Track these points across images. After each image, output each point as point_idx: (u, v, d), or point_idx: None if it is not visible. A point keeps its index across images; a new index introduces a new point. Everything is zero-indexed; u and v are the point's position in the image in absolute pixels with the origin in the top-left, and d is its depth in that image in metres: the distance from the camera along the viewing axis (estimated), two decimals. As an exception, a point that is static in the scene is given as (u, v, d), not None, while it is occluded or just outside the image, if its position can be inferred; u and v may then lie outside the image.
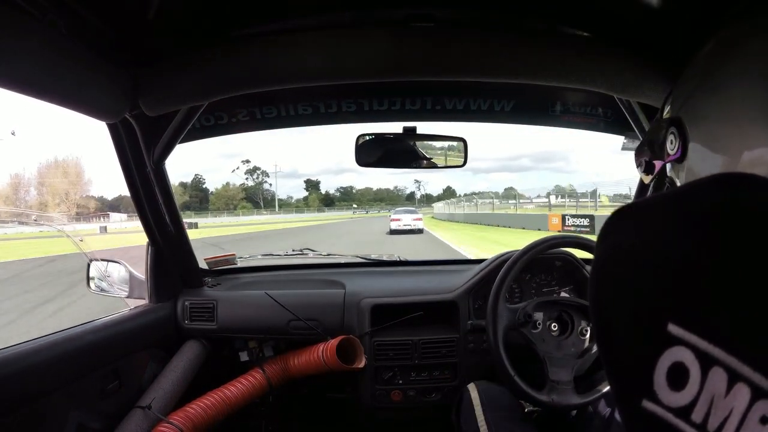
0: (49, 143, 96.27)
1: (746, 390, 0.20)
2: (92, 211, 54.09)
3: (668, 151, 0.43)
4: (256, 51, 0.75)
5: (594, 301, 0.28)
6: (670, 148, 0.43)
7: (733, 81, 0.35)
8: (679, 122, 0.42)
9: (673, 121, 0.42)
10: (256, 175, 76.37)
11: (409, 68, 0.76)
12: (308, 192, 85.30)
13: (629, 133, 1.22)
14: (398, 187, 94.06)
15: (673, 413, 0.22)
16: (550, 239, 1.04)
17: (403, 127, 1.14)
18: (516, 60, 0.75)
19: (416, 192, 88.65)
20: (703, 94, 0.39)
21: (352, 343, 1.13)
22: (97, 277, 1.23)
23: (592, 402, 0.94)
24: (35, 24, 0.57)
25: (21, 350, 0.76)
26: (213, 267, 1.38)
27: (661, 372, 0.22)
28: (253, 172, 76.21)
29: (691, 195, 0.25)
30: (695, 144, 0.40)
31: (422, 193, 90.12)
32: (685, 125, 0.41)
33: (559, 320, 1.02)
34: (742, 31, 0.36)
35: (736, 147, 0.35)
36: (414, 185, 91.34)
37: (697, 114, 0.40)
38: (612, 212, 0.28)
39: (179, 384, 1.07)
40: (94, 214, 49.91)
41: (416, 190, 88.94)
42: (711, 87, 0.38)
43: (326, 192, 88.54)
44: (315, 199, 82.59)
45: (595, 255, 0.28)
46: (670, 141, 0.43)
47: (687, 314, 0.22)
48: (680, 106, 0.43)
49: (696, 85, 0.40)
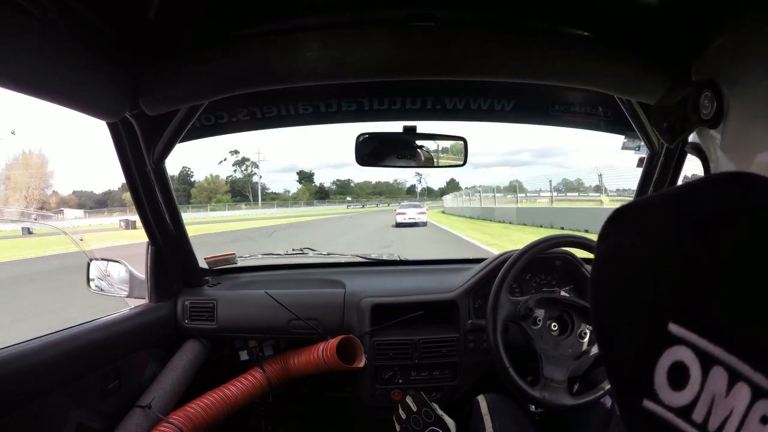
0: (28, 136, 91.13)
1: (747, 390, 0.20)
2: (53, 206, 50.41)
3: (702, 116, 0.41)
4: (256, 50, 0.75)
5: (594, 301, 0.28)
6: (704, 112, 0.40)
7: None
8: (714, 84, 0.40)
9: (708, 83, 0.40)
10: (245, 166, 69.58)
11: (409, 68, 0.76)
12: (301, 184, 79.86)
13: (629, 133, 1.22)
14: (398, 181, 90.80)
15: (674, 413, 0.22)
16: (550, 238, 1.05)
17: (404, 126, 1.14)
18: (516, 60, 0.75)
19: (417, 185, 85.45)
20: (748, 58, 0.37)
21: (352, 342, 1.13)
22: (97, 277, 1.23)
23: (584, 405, 0.93)
24: (35, 23, 0.57)
25: (21, 350, 0.76)
26: (213, 266, 1.38)
27: (661, 371, 0.22)
28: (241, 164, 69.06)
29: (692, 194, 0.25)
30: (736, 108, 0.38)
31: (423, 186, 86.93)
32: (721, 88, 0.39)
33: (559, 320, 1.02)
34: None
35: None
36: (415, 178, 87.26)
37: (737, 78, 0.38)
38: (613, 211, 0.28)
39: (179, 383, 1.07)
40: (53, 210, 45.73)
41: (417, 183, 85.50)
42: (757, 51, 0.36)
43: (320, 185, 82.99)
44: (304, 191, 76.53)
45: (595, 254, 0.28)
46: (704, 105, 0.41)
47: (687, 314, 0.22)
48: (715, 69, 0.41)
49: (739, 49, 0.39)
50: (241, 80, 0.78)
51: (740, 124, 0.38)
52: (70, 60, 0.64)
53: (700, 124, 0.42)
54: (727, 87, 0.39)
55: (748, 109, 0.38)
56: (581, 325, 1.00)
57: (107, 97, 0.75)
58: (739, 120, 0.38)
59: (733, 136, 0.39)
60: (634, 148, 1.31)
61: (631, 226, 0.26)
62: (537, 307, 1.00)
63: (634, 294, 0.25)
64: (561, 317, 1.02)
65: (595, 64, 0.75)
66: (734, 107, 0.39)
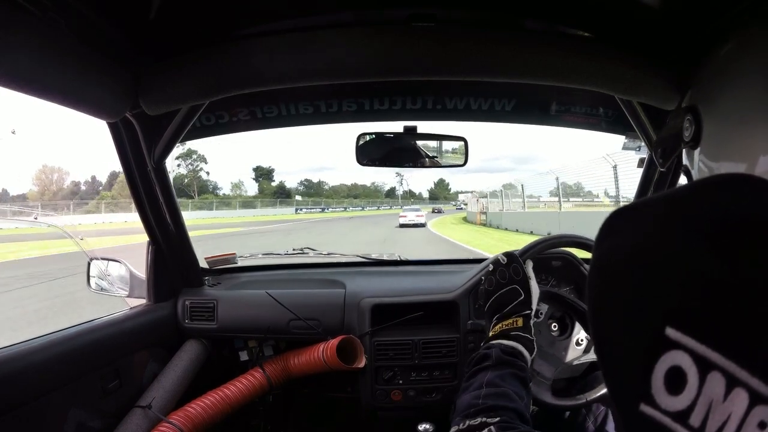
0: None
1: (744, 395, 0.20)
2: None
3: (684, 138, 0.45)
4: (257, 50, 0.75)
5: (591, 303, 0.28)
6: (686, 134, 0.44)
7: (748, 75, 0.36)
8: (695, 109, 0.43)
9: (690, 108, 0.44)
10: (191, 160, 53.60)
11: (410, 68, 0.76)
12: (258, 183, 63.85)
13: (630, 133, 1.22)
14: (376, 183, 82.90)
15: (671, 417, 0.22)
16: (550, 238, 1.04)
17: (404, 126, 1.14)
18: (517, 60, 0.75)
19: (397, 187, 77.36)
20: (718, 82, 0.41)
21: (352, 342, 1.13)
22: (97, 276, 1.23)
23: (564, 408, 0.92)
24: (36, 22, 0.57)
25: (21, 349, 0.76)
26: (213, 266, 1.38)
27: (658, 376, 0.22)
28: (187, 157, 52.72)
29: (690, 197, 0.25)
30: (709, 130, 0.41)
31: (405, 189, 79.00)
32: (700, 112, 0.42)
33: (560, 321, 1.02)
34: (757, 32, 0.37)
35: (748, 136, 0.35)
36: (396, 179, 78.98)
37: (711, 100, 0.41)
38: (610, 213, 0.28)
39: (179, 383, 1.07)
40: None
41: (398, 185, 77.73)
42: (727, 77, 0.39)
43: (281, 183, 64.80)
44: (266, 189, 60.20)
45: (593, 256, 0.28)
46: (686, 127, 0.44)
47: (685, 318, 0.22)
48: (697, 94, 0.45)
49: (713, 72, 0.42)
50: (242, 80, 0.78)
51: (714, 144, 0.42)
52: (70, 59, 0.64)
53: (684, 146, 0.46)
54: (704, 110, 0.43)
55: (719, 131, 0.41)
56: (580, 332, 1.00)
57: (108, 97, 0.75)
58: (712, 141, 0.42)
59: (708, 156, 0.42)
60: (634, 148, 1.32)
61: (629, 229, 0.26)
62: (542, 299, 1.00)
63: (631, 297, 0.25)
64: (562, 318, 1.02)
65: (596, 65, 0.75)
66: (708, 130, 0.42)
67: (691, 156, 0.46)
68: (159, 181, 1.03)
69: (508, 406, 0.55)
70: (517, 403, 0.57)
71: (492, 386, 0.60)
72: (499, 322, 0.75)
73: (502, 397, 0.57)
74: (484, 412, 0.54)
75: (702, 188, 0.24)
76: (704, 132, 0.42)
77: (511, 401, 0.57)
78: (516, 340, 0.71)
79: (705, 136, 0.42)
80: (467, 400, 0.59)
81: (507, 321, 0.74)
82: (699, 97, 0.45)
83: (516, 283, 0.77)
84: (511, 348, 0.69)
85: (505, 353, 0.67)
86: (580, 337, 0.99)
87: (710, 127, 0.42)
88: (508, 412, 0.54)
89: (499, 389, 0.59)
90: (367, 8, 0.74)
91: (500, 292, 0.78)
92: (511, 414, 0.54)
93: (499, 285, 0.79)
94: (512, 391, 0.59)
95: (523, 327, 0.73)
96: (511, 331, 0.72)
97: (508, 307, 0.76)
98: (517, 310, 0.75)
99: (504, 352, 0.67)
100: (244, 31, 0.76)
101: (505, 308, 0.76)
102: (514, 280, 0.78)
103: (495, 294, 0.79)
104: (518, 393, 0.60)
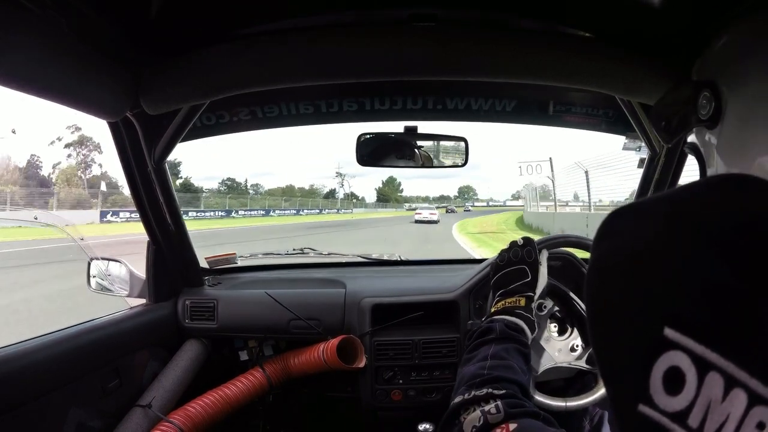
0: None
1: (743, 396, 0.20)
2: None
3: (701, 116, 0.41)
4: (257, 50, 0.75)
5: (590, 303, 0.28)
6: (703, 112, 0.41)
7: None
8: (714, 85, 0.40)
9: (708, 83, 0.41)
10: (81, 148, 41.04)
11: (411, 68, 0.76)
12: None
13: (630, 133, 1.22)
14: (315, 186, 73.14)
15: (669, 417, 0.22)
16: (550, 239, 1.04)
17: (405, 126, 1.14)
18: (518, 60, 0.75)
19: (338, 189, 65.02)
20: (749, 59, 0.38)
21: (352, 342, 1.13)
22: (97, 276, 1.23)
23: (541, 406, 0.91)
24: (37, 21, 0.57)
25: (21, 349, 0.76)
26: (213, 266, 1.38)
27: (657, 376, 0.22)
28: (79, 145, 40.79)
29: (693, 199, 0.24)
30: (735, 109, 0.38)
31: (346, 191, 65.44)
32: (721, 88, 0.40)
33: (560, 322, 1.02)
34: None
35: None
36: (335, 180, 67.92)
37: (737, 79, 0.38)
38: (609, 213, 0.28)
39: (179, 383, 1.07)
40: None
41: (338, 186, 65.50)
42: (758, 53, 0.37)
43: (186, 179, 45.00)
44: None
45: (591, 256, 0.28)
46: (702, 105, 0.41)
47: (684, 318, 0.22)
48: (716, 70, 0.41)
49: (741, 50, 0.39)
50: (243, 80, 0.78)
51: (739, 125, 0.38)
52: (71, 59, 0.64)
53: (698, 124, 0.42)
54: (727, 88, 0.40)
55: (747, 110, 0.38)
56: (577, 338, 0.99)
57: (108, 97, 0.75)
58: (737, 122, 0.38)
59: (731, 137, 0.39)
60: (634, 148, 1.31)
61: (628, 230, 0.26)
62: (548, 294, 0.99)
63: (630, 298, 0.25)
64: (563, 321, 1.02)
65: (597, 65, 0.75)
66: (733, 109, 0.39)
67: (702, 134, 0.43)
68: (159, 181, 1.03)
69: (514, 379, 0.55)
70: (521, 376, 0.57)
71: (497, 358, 0.60)
72: (503, 299, 0.76)
73: (507, 369, 0.57)
74: (489, 383, 0.54)
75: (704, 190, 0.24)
76: (727, 110, 0.39)
77: (516, 374, 0.57)
78: (518, 317, 0.71)
79: (727, 115, 0.39)
80: (472, 371, 0.59)
81: (510, 299, 0.75)
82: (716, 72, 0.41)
83: (526, 264, 0.78)
84: (515, 324, 0.69)
85: (509, 328, 0.67)
86: (576, 343, 0.98)
87: (735, 106, 0.38)
88: (513, 385, 0.54)
89: (505, 361, 0.59)
90: (367, 8, 0.74)
91: (510, 269, 0.79)
92: (515, 387, 0.54)
93: (510, 262, 0.80)
94: (516, 365, 0.59)
95: (525, 306, 0.73)
96: (515, 309, 0.73)
97: (513, 285, 0.76)
98: (521, 290, 0.76)
99: (508, 327, 0.68)
100: (245, 31, 0.76)
101: (510, 285, 0.77)
102: (526, 261, 0.78)
103: (504, 270, 0.79)
104: (521, 368, 0.60)
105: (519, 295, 0.75)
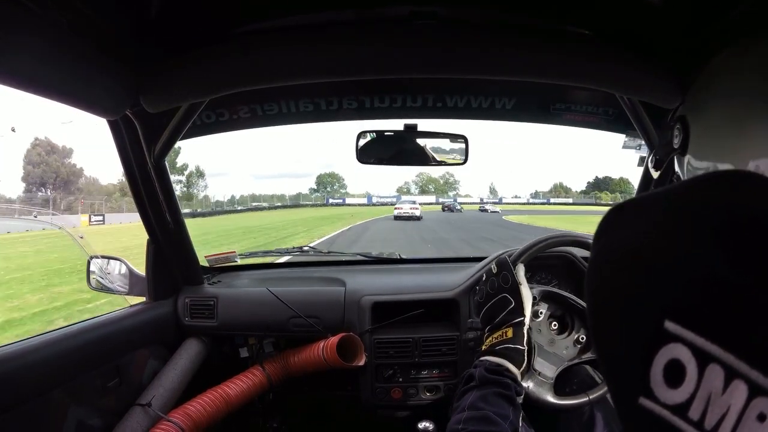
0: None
1: (744, 387, 0.20)
2: None
3: (673, 146, 0.48)
4: (257, 48, 0.75)
5: (590, 297, 0.28)
6: (675, 142, 0.48)
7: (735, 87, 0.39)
8: (683, 119, 0.47)
9: (679, 118, 0.47)
10: None
11: (411, 65, 0.76)
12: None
13: (630, 132, 1.22)
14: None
15: (670, 410, 0.22)
16: (550, 237, 1.04)
17: (404, 124, 1.14)
18: (518, 58, 0.75)
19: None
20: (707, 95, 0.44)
21: (352, 340, 1.13)
22: (97, 274, 1.23)
23: (567, 408, 0.92)
24: (38, 20, 0.57)
25: (21, 347, 0.76)
26: (213, 264, 1.38)
27: (657, 369, 0.22)
28: None
29: (692, 193, 0.25)
30: (696, 137, 0.44)
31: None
32: (688, 121, 0.45)
33: (560, 319, 1.02)
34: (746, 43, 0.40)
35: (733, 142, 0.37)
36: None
37: (701, 109, 0.44)
38: (609, 208, 0.28)
39: (179, 381, 1.07)
40: None
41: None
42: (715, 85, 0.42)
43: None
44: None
45: (591, 252, 0.28)
46: (675, 135, 0.48)
47: (684, 311, 0.22)
48: (688, 103, 0.48)
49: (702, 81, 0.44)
50: (243, 78, 0.78)
51: (701, 148, 0.46)
52: (71, 57, 0.64)
53: (674, 153, 0.51)
54: (692, 118, 0.47)
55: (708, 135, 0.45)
56: (580, 331, 1.00)
57: (108, 95, 0.75)
58: (700, 145, 0.46)
59: (694, 159, 0.46)
60: (635, 147, 1.32)
61: (628, 224, 0.26)
62: (541, 300, 1.00)
63: (630, 291, 0.25)
64: (563, 317, 1.02)
65: (597, 63, 0.75)
66: (696, 135, 0.46)
67: (681, 163, 0.50)
68: (159, 179, 1.03)
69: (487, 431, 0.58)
70: (497, 426, 0.59)
71: (473, 409, 0.62)
72: (490, 335, 0.76)
73: (481, 422, 0.59)
74: None
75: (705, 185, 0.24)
76: (691, 139, 0.46)
77: (489, 425, 0.59)
78: (501, 355, 0.71)
79: (692, 142, 0.46)
80: (450, 426, 0.61)
81: (496, 333, 0.75)
82: (690, 106, 0.50)
83: (505, 291, 0.77)
84: (496, 365, 0.70)
85: (489, 371, 0.68)
86: (581, 336, 0.99)
87: (697, 133, 0.46)
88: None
89: (480, 412, 0.61)
90: (367, 6, 0.74)
91: (490, 303, 0.78)
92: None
93: (488, 296, 0.79)
94: (493, 413, 0.60)
95: (512, 338, 0.73)
96: (497, 345, 0.73)
97: (498, 318, 0.76)
98: (508, 319, 0.75)
99: (488, 371, 0.68)
100: (245, 29, 0.76)
101: (495, 319, 0.76)
102: (503, 288, 0.77)
103: (486, 305, 0.79)
104: (501, 413, 0.61)
105: (506, 326, 0.74)
